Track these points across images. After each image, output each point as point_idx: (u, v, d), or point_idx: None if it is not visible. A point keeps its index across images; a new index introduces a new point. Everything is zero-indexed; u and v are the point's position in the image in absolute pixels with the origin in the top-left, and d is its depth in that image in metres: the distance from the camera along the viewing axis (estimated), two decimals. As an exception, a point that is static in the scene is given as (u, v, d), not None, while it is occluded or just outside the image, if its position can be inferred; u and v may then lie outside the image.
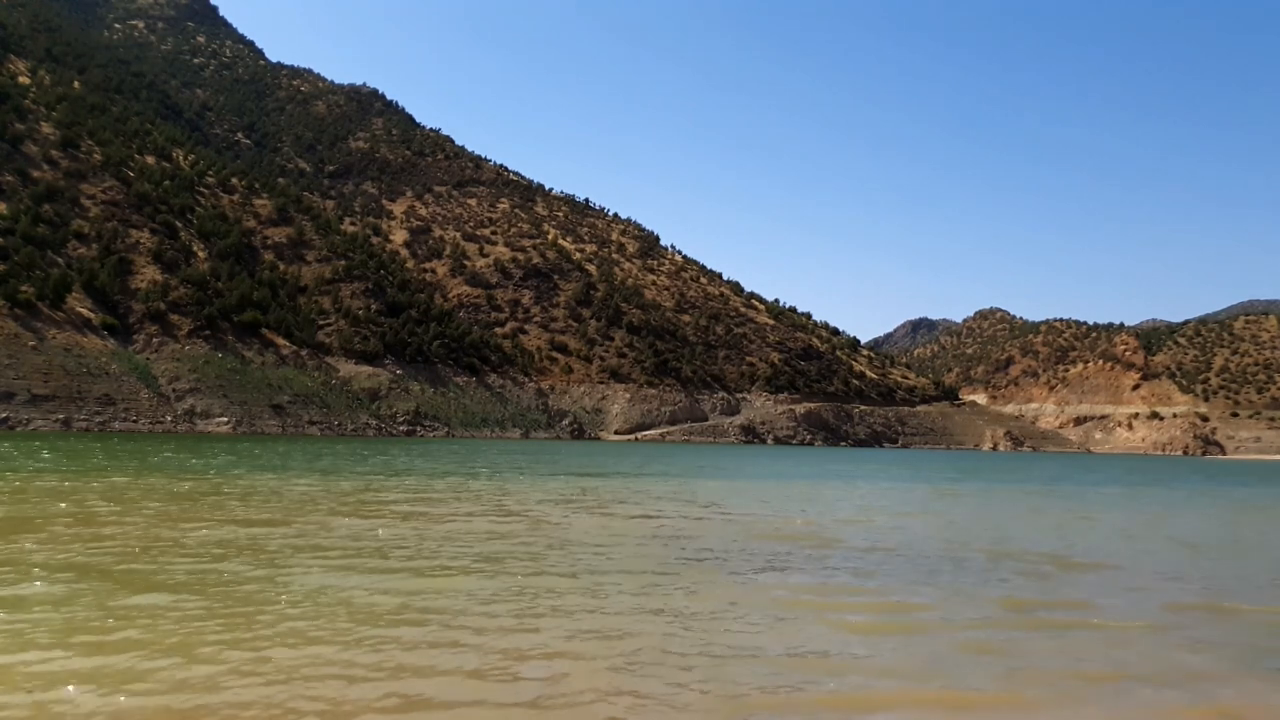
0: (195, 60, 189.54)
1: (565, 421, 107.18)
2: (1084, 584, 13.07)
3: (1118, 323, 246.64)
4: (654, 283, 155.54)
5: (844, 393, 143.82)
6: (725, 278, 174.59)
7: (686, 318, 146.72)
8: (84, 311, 75.06)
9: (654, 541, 15.44)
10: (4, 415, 59.40)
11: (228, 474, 28.05)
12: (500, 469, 37.43)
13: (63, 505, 16.94)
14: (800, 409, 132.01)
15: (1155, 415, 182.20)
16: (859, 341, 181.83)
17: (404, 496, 22.72)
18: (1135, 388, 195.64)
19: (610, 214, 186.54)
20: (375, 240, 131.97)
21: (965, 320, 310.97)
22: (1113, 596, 11.94)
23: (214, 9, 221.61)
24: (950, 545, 16.67)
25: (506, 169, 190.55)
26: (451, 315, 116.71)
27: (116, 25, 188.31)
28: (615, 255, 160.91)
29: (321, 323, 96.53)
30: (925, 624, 9.84)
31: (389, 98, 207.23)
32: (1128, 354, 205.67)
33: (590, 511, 20.44)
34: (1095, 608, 11.04)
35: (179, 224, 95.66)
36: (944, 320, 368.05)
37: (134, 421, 65.66)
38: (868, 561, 14.15)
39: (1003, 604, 11.05)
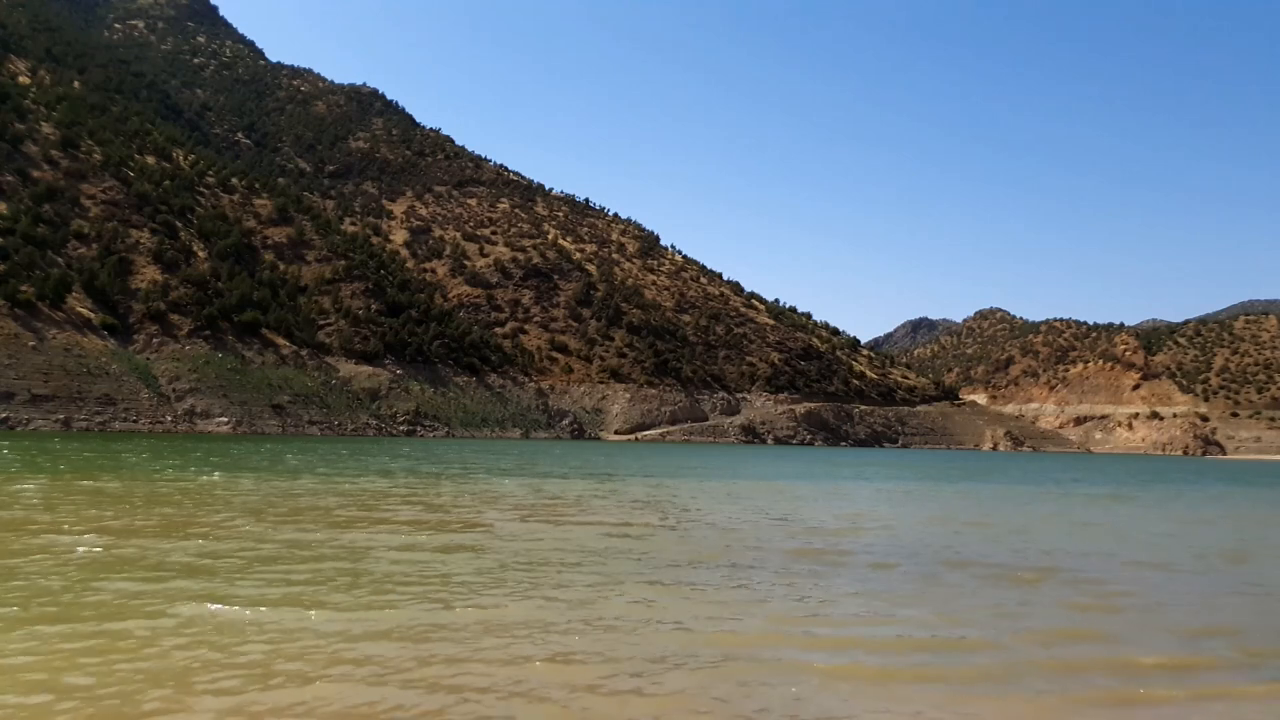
0: (195, 60, 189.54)
1: (565, 421, 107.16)
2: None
3: (1118, 323, 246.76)
4: (654, 283, 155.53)
5: (844, 393, 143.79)
6: (725, 278, 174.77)
7: (686, 318, 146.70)
8: (84, 311, 75.06)
9: (624, 556, 13.87)
10: (4, 415, 59.40)
11: (185, 473, 28.00)
12: (486, 470, 36.82)
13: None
14: (800, 409, 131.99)
15: (1155, 415, 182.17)
16: (859, 341, 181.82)
17: (363, 500, 21.25)
18: (1135, 388, 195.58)
19: (610, 214, 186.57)
20: (375, 240, 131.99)
21: (965, 320, 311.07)
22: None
23: (214, 9, 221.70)
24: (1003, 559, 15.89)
25: (506, 169, 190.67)
26: (451, 315, 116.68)
27: (116, 25, 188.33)
28: (615, 255, 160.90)
29: (321, 323, 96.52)
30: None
31: (389, 98, 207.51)
32: (1128, 354, 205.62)
33: (556, 520, 18.93)
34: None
35: (179, 224, 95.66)
36: (944, 320, 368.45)
37: (134, 421, 65.66)
38: (880, 580, 12.84)
39: (1055, 634, 9.70)
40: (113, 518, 16.04)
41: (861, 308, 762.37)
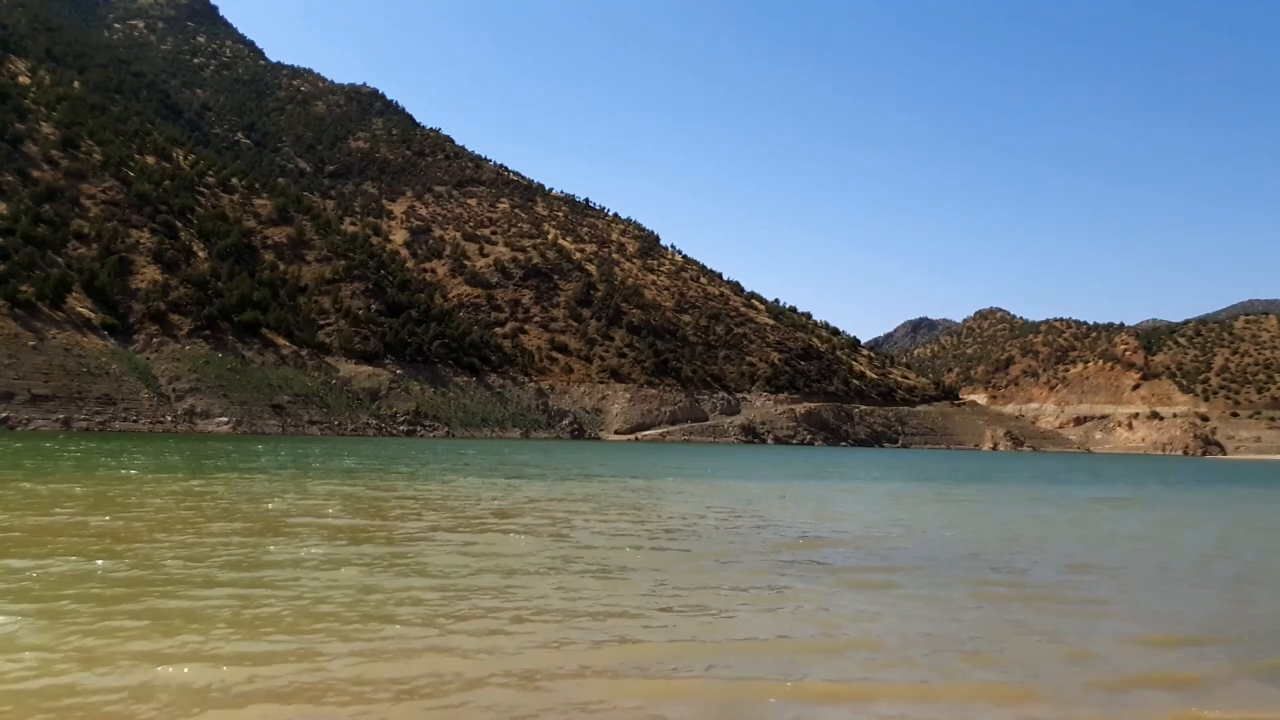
0: (195, 60, 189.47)
1: (565, 421, 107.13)
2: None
3: (1118, 323, 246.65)
4: (654, 283, 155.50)
5: (844, 393, 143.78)
6: (725, 278, 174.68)
7: (686, 318, 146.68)
8: (84, 311, 75.05)
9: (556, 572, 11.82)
10: (4, 415, 59.39)
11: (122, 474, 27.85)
12: (468, 471, 35.81)
13: None
14: (800, 409, 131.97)
15: (1155, 415, 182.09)
16: (859, 341, 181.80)
17: (308, 503, 19.98)
18: (1135, 388, 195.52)
19: (610, 214, 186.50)
20: (375, 240, 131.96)
21: (965, 320, 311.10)
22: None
23: (214, 9, 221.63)
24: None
25: (506, 169, 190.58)
26: (451, 315, 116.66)
27: (116, 25, 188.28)
28: (615, 255, 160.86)
29: (321, 323, 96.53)
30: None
31: (389, 98, 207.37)
32: (1128, 354, 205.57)
33: (507, 529, 16.73)
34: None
35: (179, 224, 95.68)
36: (944, 320, 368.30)
37: (134, 421, 65.64)
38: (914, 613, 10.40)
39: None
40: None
41: (861, 308, 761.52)
